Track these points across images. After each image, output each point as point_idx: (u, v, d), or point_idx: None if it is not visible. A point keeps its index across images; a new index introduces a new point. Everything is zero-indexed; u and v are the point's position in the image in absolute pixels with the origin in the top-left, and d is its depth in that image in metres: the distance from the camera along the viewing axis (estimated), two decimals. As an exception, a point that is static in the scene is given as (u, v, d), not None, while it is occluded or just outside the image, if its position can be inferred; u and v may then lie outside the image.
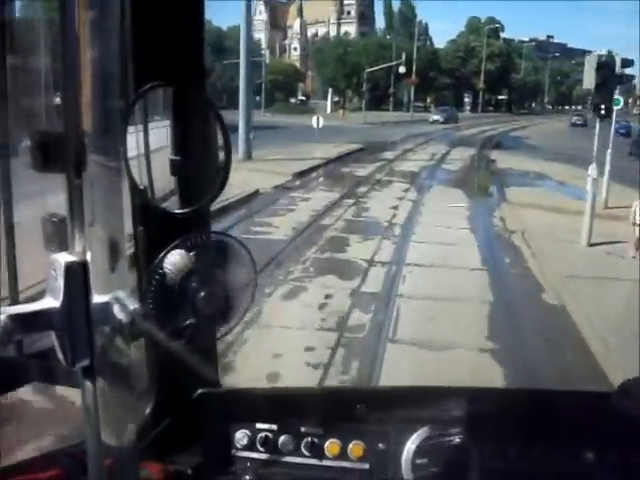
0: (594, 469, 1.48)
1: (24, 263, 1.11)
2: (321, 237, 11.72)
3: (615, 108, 14.69)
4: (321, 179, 20.08)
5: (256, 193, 15.55)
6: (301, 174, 19.87)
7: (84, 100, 0.83)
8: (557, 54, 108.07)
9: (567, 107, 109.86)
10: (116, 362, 0.87)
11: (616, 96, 14.53)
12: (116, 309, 0.84)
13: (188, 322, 1.17)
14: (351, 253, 10.72)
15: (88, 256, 0.83)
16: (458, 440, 1.49)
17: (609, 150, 15.48)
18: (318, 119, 29.19)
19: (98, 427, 0.85)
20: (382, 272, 9.77)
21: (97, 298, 0.84)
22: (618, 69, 10.90)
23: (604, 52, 12.78)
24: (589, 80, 11.61)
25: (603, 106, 10.77)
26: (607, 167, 15.42)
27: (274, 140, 28.35)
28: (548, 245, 11.42)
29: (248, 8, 22.86)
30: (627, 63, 12.21)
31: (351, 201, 15.75)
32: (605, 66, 10.72)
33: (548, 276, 9.53)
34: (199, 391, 1.47)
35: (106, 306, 0.84)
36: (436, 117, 58.49)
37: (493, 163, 25.84)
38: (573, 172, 22.19)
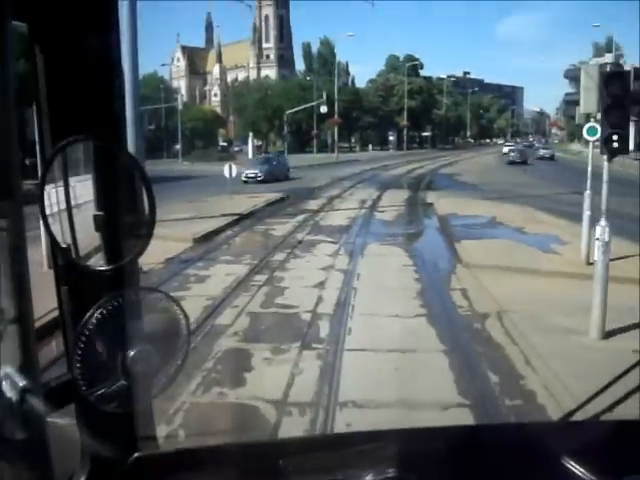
0: None
1: None
2: (210, 352, 7.78)
3: (592, 138, 11.46)
4: (228, 244, 16.18)
5: (138, 272, 11.51)
6: (205, 238, 16.21)
7: None
8: (476, 89, 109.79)
9: (488, 140, 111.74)
10: (28, 440, 0.92)
11: (591, 124, 11.32)
12: (5, 387, 0.89)
13: (119, 383, 1.14)
14: (251, 387, 6.81)
15: None
16: None
17: (588, 192, 12.24)
18: (230, 167, 25.85)
19: None
20: (301, 424, 5.92)
21: None
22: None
23: (607, 59, 9.50)
24: (589, 101, 8.23)
25: (616, 137, 7.37)
26: (587, 213, 12.17)
27: (184, 193, 24.94)
28: (543, 340, 7.85)
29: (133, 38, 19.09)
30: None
31: (263, 277, 11.87)
32: (616, 78, 7.39)
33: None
34: (135, 455, 1.35)
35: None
36: (251, 173, 36.51)
37: (431, 208, 22.51)
38: (526, 214, 19.33)
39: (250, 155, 65.15)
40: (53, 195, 1.18)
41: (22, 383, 0.95)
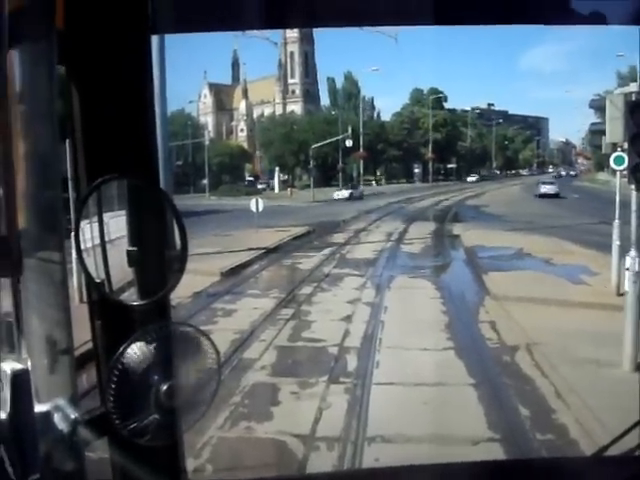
0: None
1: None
2: (238, 386, 7.79)
3: (619, 167, 11.39)
4: (255, 278, 16.25)
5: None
6: (232, 272, 16.28)
7: (21, 202, 0.89)
8: (500, 121, 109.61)
9: (514, 171, 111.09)
10: (69, 471, 0.96)
11: (618, 153, 11.26)
12: (57, 418, 0.92)
13: (152, 417, 1.15)
14: (278, 421, 6.79)
15: (29, 363, 0.88)
16: None
17: (616, 221, 12.11)
18: (257, 202, 25.99)
19: None
20: (329, 459, 5.87)
21: (39, 407, 0.90)
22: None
23: (632, 88, 9.51)
24: (615, 130, 8.24)
25: (645, 167, 7.37)
26: (616, 242, 12.03)
27: (211, 227, 25.02)
28: (574, 373, 7.74)
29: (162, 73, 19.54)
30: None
31: (290, 311, 11.89)
32: (642, 107, 7.40)
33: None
34: None
35: (49, 416, 0.91)
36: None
37: (458, 240, 22.39)
38: (555, 245, 19.07)
39: (276, 189, 65.54)
40: (87, 231, 1.21)
41: (72, 415, 0.97)
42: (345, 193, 49.36)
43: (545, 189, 42.95)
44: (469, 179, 74.48)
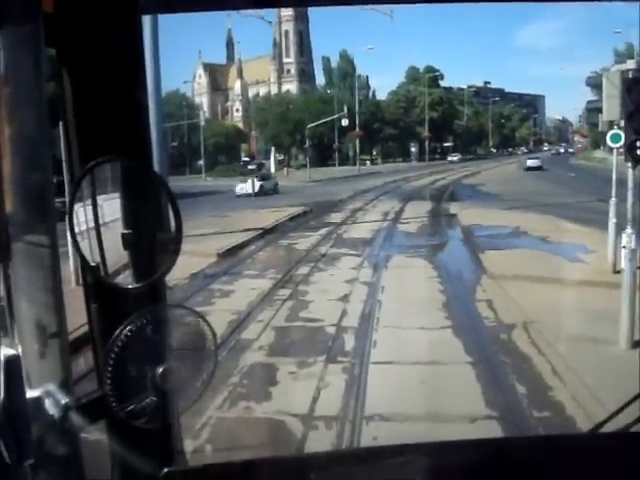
0: None
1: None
2: (236, 367, 7.82)
3: (615, 145, 11.36)
4: (252, 258, 16.26)
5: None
6: (229, 253, 16.27)
7: (8, 186, 0.89)
8: (496, 99, 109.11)
9: (510, 149, 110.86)
10: (65, 455, 0.96)
11: (615, 131, 11.23)
12: (50, 403, 0.93)
13: (149, 399, 1.15)
14: (277, 401, 6.83)
15: (19, 349, 0.89)
16: None
17: (613, 199, 12.11)
18: (253, 182, 25.99)
19: None
20: (327, 438, 5.91)
21: (32, 392, 0.91)
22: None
23: (629, 65, 9.45)
24: (612, 108, 8.21)
25: (640, 144, 7.35)
26: (613, 220, 12.03)
27: (208, 208, 25.00)
28: (570, 351, 7.77)
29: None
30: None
31: (287, 292, 11.91)
32: (639, 85, 7.36)
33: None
34: (164, 470, 1.33)
35: (41, 400, 0.92)
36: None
37: (455, 219, 22.39)
38: (551, 223, 19.05)
39: (272, 169, 65.27)
40: (81, 214, 1.21)
41: (64, 400, 0.98)
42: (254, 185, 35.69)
43: (530, 163, 53.01)
44: (449, 158, 74.32)
